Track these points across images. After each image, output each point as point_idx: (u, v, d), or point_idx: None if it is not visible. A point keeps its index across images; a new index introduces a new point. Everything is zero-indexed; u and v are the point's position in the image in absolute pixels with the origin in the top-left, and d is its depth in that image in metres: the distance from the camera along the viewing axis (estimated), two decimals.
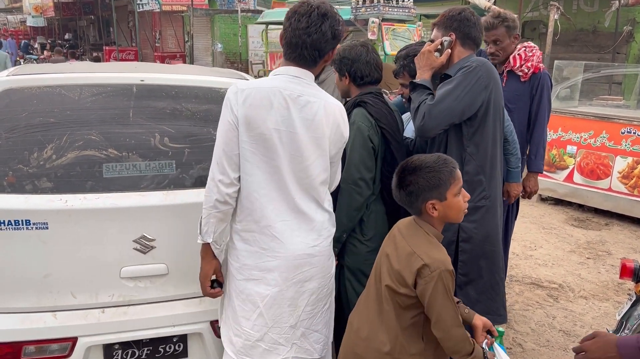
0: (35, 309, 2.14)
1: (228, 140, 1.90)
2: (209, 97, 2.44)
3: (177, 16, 20.37)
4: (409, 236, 1.84)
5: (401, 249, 1.82)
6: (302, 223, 1.98)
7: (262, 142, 1.89)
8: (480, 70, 2.27)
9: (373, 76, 2.47)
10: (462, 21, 2.35)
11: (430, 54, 2.38)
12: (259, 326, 1.99)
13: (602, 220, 5.92)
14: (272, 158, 1.91)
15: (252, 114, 1.87)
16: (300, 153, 1.92)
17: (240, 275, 2.01)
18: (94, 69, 2.53)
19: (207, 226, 1.97)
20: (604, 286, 4.32)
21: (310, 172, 1.96)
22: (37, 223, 2.08)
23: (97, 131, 2.22)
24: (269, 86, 1.91)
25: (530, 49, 3.31)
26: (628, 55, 10.48)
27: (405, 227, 1.89)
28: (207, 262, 2.05)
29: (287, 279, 1.98)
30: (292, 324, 2.02)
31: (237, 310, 2.02)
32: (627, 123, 5.70)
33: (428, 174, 1.80)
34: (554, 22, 7.91)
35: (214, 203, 1.93)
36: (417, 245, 1.79)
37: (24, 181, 2.11)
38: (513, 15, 3.31)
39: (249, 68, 16.52)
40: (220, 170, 1.91)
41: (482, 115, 2.30)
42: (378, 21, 7.74)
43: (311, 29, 1.87)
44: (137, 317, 2.24)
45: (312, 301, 2.05)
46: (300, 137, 1.91)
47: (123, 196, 2.18)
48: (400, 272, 1.78)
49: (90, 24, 29.15)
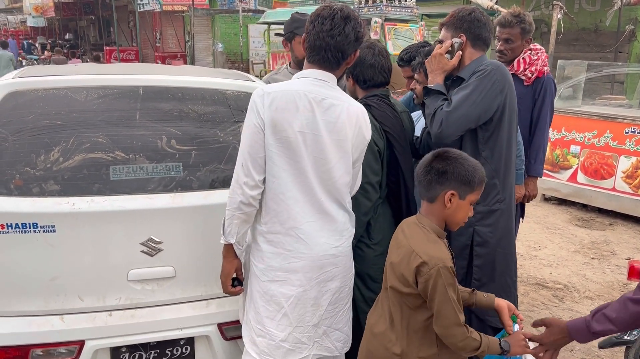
0: (43, 313, 2.13)
1: (254, 143, 1.91)
2: (216, 99, 2.43)
3: (178, 16, 20.38)
4: (410, 235, 1.85)
5: (403, 248, 1.83)
6: (325, 224, 2.01)
7: (288, 144, 1.91)
8: (495, 74, 2.25)
9: (377, 80, 2.43)
10: (473, 22, 2.33)
11: (442, 56, 2.35)
12: (283, 325, 2.02)
13: (606, 219, 5.91)
14: (297, 161, 1.93)
15: (278, 117, 1.89)
16: (324, 156, 1.95)
17: (265, 276, 2.02)
18: (99, 71, 2.52)
19: (231, 227, 1.99)
20: (609, 286, 4.31)
21: (334, 173, 1.99)
22: (45, 226, 2.07)
23: (103, 133, 2.21)
24: (295, 89, 1.93)
25: (535, 51, 3.28)
26: (630, 54, 10.47)
27: (408, 226, 1.89)
28: (229, 261, 2.07)
29: (310, 279, 2.01)
30: (315, 324, 2.05)
31: (261, 311, 2.03)
32: (631, 123, 5.69)
33: (466, 168, 1.80)
34: (557, 21, 7.90)
35: (238, 204, 1.94)
36: (417, 244, 1.79)
37: (31, 184, 2.10)
38: (531, 19, 3.25)
39: (250, 68, 16.51)
40: (245, 172, 1.93)
41: (498, 119, 2.29)
42: (381, 21, 7.73)
43: (334, 31, 1.90)
44: (145, 320, 2.23)
45: (334, 300, 2.09)
46: (324, 139, 1.94)
47: (130, 199, 2.17)
48: (402, 271, 1.79)
49: (91, 24, 29.17)
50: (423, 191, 1.87)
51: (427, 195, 1.86)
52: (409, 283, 1.78)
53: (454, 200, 1.81)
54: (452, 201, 1.81)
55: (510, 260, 2.40)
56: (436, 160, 1.85)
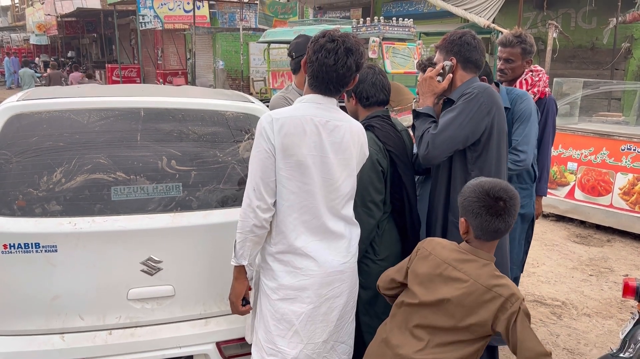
0: (44, 332, 2.16)
1: (265, 168, 1.97)
2: (215, 120, 2.49)
3: (179, 34, 20.60)
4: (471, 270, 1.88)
5: (462, 282, 1.87)
6: (332, 241, 2.08)
7: (298, 167, 1.98)
8: (482, 96, 2.31)
9: (378, 97, 2.52)
10: (463, 45, 2.39)
11: (432, 79, 2.42)
12: (294, 343, 2.06)
13: (604, 236, 5.93)
14: (306, 182, 2.00)
15: (288, 142, 1.96)
16: (331, 175, 2.03)
17: (276, 294, 2.07)
18: (102, 93, 2.58)
19: (243, 249, 2.03)
20: (607, 303, 4.33)
21: (340, 192, 2.07)
22: (47, 246, 2.11)
23: (105, 154, 2.26)
24: (301, 114, 2.00)
25: (537, 73, 3.36)
26: (627, 71, 10.56)
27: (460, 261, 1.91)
28: (240, 283, 2.11)
29: (320, 296, 2.07)
30: (324, 340, 2.11)
31: (272, 329, 2.07)
32: (627, 140, 5.74)
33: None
34: (552, 40, 8.00)
35: (251, 227, 1.99)
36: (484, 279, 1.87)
37: (34, 204, 2.14)
38: (533, 40, 3.31)
39: (251, 86, 16.65)
40: (257, 196, 1.98)
41: (486, 140, 2.34)
42: (379, 40, 7.83)
43: (338, 64, 1.98)
44: (144, 339, 2.26)
45: (341, 316, 2.15)
46: (330, 160, 2.02)
47: (131, 219, 2.21)
48: (472, 307, 1.82)
49: (93, 41, 29.45)
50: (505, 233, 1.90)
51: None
52: (484, 319, 1.77)
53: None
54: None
55: None
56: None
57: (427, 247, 1.99)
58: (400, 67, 8.03)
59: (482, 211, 1.82)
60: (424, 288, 1.91)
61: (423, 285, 1.92)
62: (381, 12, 14.48)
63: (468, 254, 1.89)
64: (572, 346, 3.66)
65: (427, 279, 1.92)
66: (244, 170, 2.37)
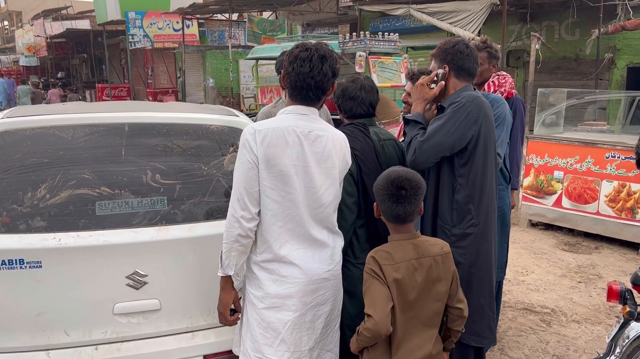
0: (29, 349, 2.15)
1: (249, 179, 2.01)
2: (200, 134, 2.51)
3: (169, 53, 20.69)
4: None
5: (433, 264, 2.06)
6: (316, 249, 2.11)
7: (280, 177, 2.01)
8: (470, 105, 2.36)
9: (356, 111, 2.58)
10: (456, 54, 2.45)
11: (423, 87, 2.48)
12: (281, 351, 2.08)
13: (592, 243, 5.97)
14: (289, 192, 2.03)
15: (270, 153, 1.99)
16: (313, 185, 2.06)
17: (262, 303, 2.09)
18: (86, 109, 2.60)
19: (229, 259, 2.06)
20: (595, 309, 4.35)
21: (323, 200, 2.10)
22: (31, 262, 2.11)
23: (89, 170, 2.28)
24: (283, 125, 2.04)
25: (503, 76, 3.60)
26: (611, 81, 10.74)
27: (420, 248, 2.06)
28: (227, 293, 2.13)
29: (305, 304, 2.09)
30: (310, 347, 2.13)
31: (259, 338, 2.09)
32: (611, 148, 5.82)
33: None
34: (535, 51, 8.14)
35: (236, 237, 2.02)
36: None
37: (18, 220, 2.15)
38: (498, 46, 3.51)
39: (241, 102, 16.72)
40: (241, 206, 2.01)
41: (472, 148, 2.39)
42: (365, 54, 7.93)
43: (314, 71, 2.03)
44: (131, 353, 2.25)
45: (327, 323, 2.17)
46: (312, 169, 2.05)
47: (116, 233, 2.22)
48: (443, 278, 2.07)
49: (83, 62, 29.51)
50: (411, 217, 2.06)
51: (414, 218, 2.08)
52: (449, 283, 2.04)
53: None
54: None
55: (483, 281, 2.46)
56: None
57: (383, 261, 1.99)
58: (387, 80, 8.12)
59: (386, 198, 2.02)
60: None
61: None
62: (368, 28, 14.66)
63: (408, 239, 2.05)
64: (562, 352, 3.67)
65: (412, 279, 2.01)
66: (228, 183, 2.39)
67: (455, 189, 2.43)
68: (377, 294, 1.93)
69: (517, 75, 11.88)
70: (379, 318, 1.88)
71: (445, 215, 2.46)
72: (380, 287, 1.94)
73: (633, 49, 10.37)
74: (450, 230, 2.43)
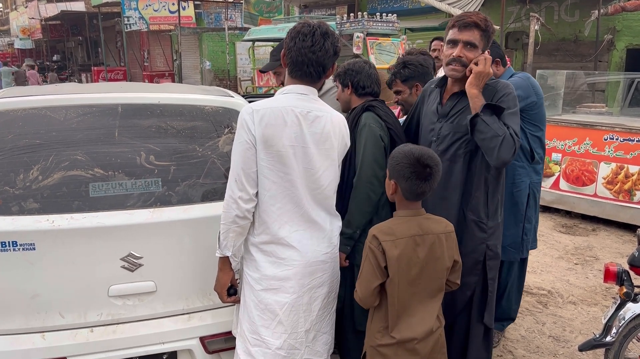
0: (24, 331, 2.14)
1: (246, 159, 1.99)
2: (194, 115, 2.48)
3: (165, 35, 20.49)
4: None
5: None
6: (314, 232, 2.10)
7: (279, 158, 1.99)
8: (513, 91, 2.37)
9: (373, 88, 2.66)
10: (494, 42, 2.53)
11: (490, 73, 2.27)
12: (278, 333, 2.08)
13: (589, 225, 5.98)
14: (288, 173, 2.01)
15: (268, 133, 1.97)
16: (312, 166, 2.04)
17: (259, 285, 2.08)
18: (79, 90, 2.56)
19: (227, 240, 2.05)
20: (592, 291, 4.37)
21: (322, 182, 2.08)
22: (24, 244, 2.09)
23: (83, 151, 2.24)
24: (282, 105, 2.01)
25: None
26: (610, 62, 10.66)
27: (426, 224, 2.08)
28: (225, 273, 2.13)
29: (302, 286, 2.09)
30: (307, 329, 2.13)
31: (256, 320, 2.09)
32: (609, 130, 5.79)
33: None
34: (534, 32, 8.06)
35: (234, 218, 2.01)
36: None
37: (11, 202, 2.12)
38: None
39: (238, 85, 16.60)
40: (239, 187, 2.00)
41: None
42: (363, 36, 7.85)
43: (315, 47, 2.00)
44: (126, 335, 2.24)
45: (324, 306, 2.17)
46: (311, 150, 2.03)
47: (110, 215, 2.20)
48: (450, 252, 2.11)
49: (78, 44, 29.23)
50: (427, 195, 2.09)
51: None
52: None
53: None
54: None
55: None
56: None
57: (383, 237, 2.00)
58: (384, 62, 8.05)
59: (413, 176, 2.00)
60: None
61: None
62: (366, 9, 14.51)
63: (414, 216, 2.07)
64: (558, 333, 3.69)
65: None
66: (224, 164, 2.36)
67: (489, 182, 2.36)
68: (365, 272, 2.02)
69: (516, 57, 11.79)
70: (362, 295, 2.04)
71: (479, 210, 2.36)
72: (369, 266, 1.99)
73: (633, 31, 10.28)
74: (487, 223, 2.38)
